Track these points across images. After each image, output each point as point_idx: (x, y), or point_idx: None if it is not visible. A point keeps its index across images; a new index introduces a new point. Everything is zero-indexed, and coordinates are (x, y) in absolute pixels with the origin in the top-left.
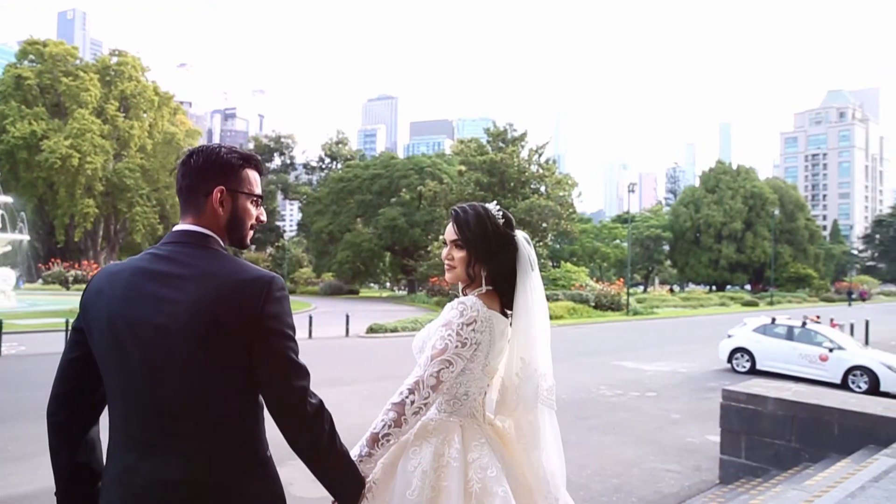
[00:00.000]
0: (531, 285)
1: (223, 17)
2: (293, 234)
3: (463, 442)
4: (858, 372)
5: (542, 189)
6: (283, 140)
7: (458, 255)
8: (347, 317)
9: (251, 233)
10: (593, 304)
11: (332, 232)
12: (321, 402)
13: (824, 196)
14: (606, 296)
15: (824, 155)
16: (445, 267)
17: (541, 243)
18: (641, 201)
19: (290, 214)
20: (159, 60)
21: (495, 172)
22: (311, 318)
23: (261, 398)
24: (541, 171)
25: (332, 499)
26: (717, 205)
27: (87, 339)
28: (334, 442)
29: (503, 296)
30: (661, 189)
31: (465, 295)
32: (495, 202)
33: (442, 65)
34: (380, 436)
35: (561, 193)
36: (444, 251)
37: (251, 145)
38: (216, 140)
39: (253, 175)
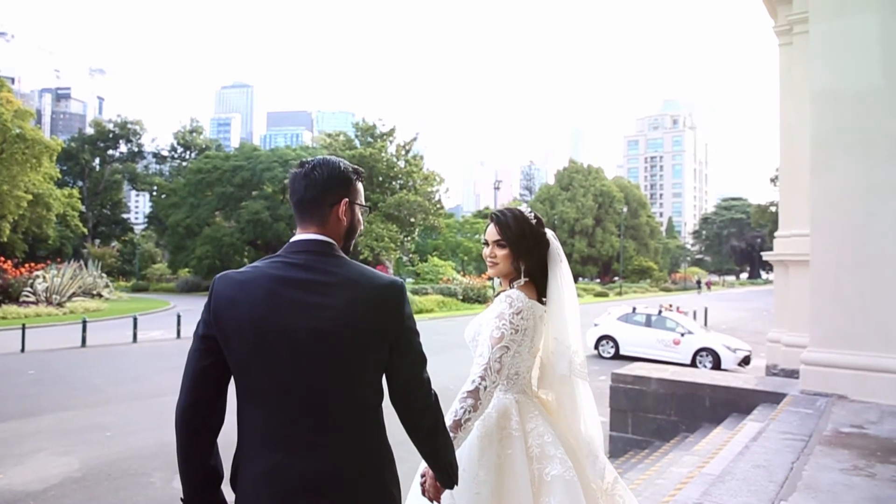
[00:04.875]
0: (561, 275)
1: None
2: (142, 227)
3: (520, 414)
4: (704, 353)
5: (410, 184)
6: (129, 126)
7: (501, 252)
8: None
9: None
10: (461, 297)
11: (190, 226)
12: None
13: (661, 195)
14: (473, 289)
15: (661, 157)
16: (488, 264)
17: (409, 238)
18: (499, 197)
19: (137, 206)
20: None
21: (364, 167)
22: (179, 316)
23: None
24: (409, 166)
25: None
26: (570, 202)
27: (219, 347)
28: (446, 427)
29: (538, 286)
30: (516, 186)
31: (510, 287)
32: (527, 207)
33: (300, 55)
34: (462, 421)
35: (428, 189)
36: (487, 250)
37: (91, 130)
38: (47, 122)
39: (362, 187)
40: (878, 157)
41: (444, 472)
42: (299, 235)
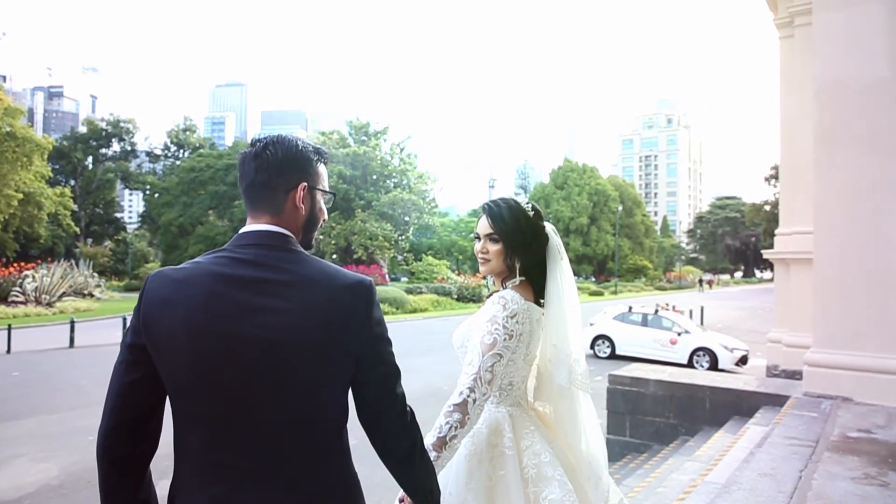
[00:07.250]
0: (561, 274)
1: None
2: (135, 226)
3: (513, 430)
4: (701, 352)
5: (405, 183)
6: (122, 125)
7: (494, 248)
8: None
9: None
10: (455, 296)
11: (183, 224)
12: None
13: (655, 194)
14: (468, 288)
15: (655, 157)
16: (480, 260)
17: (403, 237)
18: (493, 196)
19: (131, 205)
20: None
21: (358, 165)
22: None
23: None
24: (403, 165)
25: None
26: (565, 200)
27: (150, 359)
28: (425, 448)
29: (535, 285)
30: (511, 185)
31: (503, 287)
32: (525, 197)
33: (295, 54)
34: (447, 438)
35: (423, 188)
36: (478, 245)
37: (84, 128)
38: (39, 120)
39: (325, 170)
40: (884, 151)
41: (424, 502)
42: (249, 226)
